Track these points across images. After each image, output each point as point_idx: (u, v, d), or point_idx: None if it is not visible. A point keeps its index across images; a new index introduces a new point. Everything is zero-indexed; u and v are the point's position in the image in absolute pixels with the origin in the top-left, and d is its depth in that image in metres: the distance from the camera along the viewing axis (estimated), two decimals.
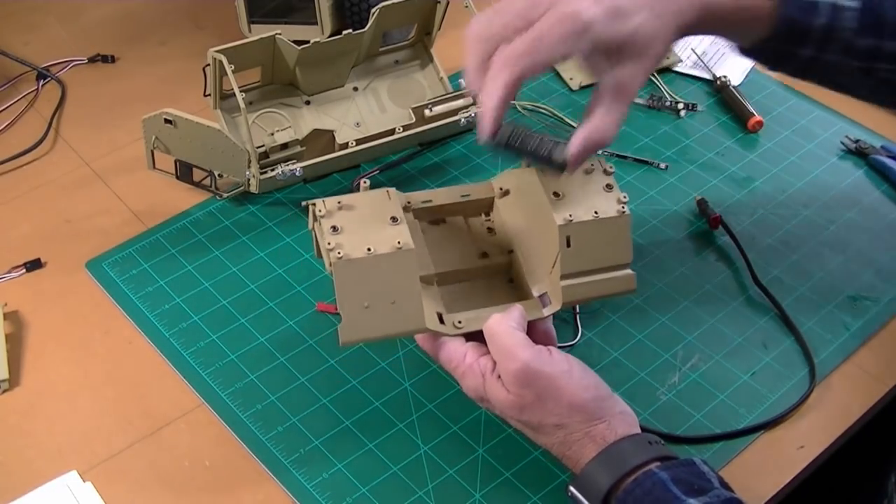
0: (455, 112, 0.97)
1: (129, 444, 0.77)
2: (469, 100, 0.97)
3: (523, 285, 0.77)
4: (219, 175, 0.92)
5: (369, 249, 0.70)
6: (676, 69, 1.10)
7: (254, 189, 0.91)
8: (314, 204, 0.72)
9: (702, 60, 1.10)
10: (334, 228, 0.70)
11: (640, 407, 0.79)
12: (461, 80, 1.03)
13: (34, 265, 0.89)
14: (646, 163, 0.99)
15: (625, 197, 0.74)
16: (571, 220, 0.72)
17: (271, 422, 0.77)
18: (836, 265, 0.90)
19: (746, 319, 0.86)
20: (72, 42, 1.13)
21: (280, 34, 0.90)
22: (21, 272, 0.88)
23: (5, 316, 0.84)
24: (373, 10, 0.93)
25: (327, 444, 0.76)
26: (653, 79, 1.08)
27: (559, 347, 0.82)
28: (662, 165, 0.99)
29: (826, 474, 0.79)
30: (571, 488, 0.67)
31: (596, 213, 0.73)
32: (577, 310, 0.85)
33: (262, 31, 0.91)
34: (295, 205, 0.95)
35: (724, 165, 1.00)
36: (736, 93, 1.05)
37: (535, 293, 0.75)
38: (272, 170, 0.90)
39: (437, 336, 0.72)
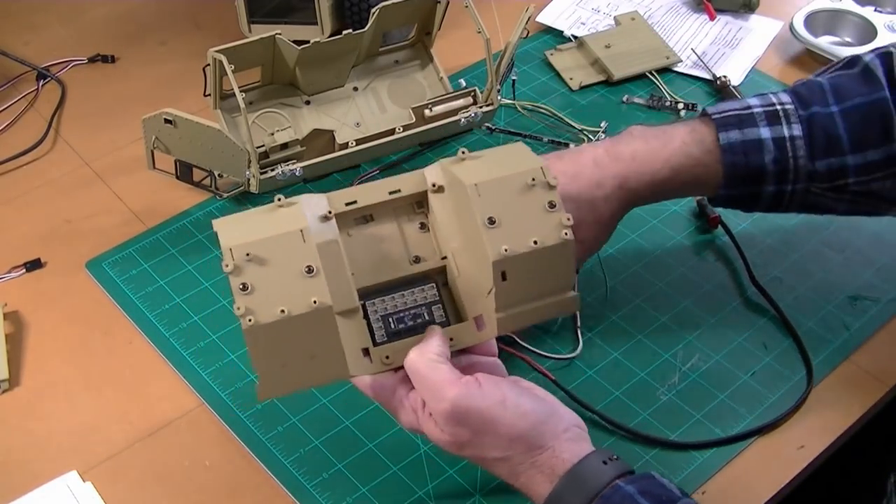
0: (455, 112, 0.97)
1: (129, 444, 0.77)
2: (469, 100, 0.97)
3: (458, 299, 0.71)
4: (219, 175, 0.92)
5: (283, 311, 0.62)
6: (676, 69, 1.10)
7: (254, 189, 0.91)
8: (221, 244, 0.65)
9: (702, 60, 1.10)
10: (244, 287, 0.63)
11: (640, 407, 0.79)
12: (461, 81, 1.03)
13: (34, 265, 0.89)
14: None
15: (568, 219, 0.66)
16: (507, 255, 0.65)
17: (271, 422, 0.77)
18: (836, 265, 0.90)
19: (746, 319, 0.86)
20: (72, 42, 1.13)
21: (280, 34, 0.90)
22: (21, 272, 0.88)
23: (5, 316, 0.84)
24: (373, 10, 0.93)
25: (327, 444, 0.76)
26: (653, 79, 1.08)
27: (559, 355, 0.82)
28: None
29: (826, 474, 0.79)
30: None
31: (535, 241, 0.65)
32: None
33: (262, 31, 0.91)
34: None
35: None
36: (736, 92, 1.05)
37: (470, 314, 0.69)
38: (272, 170, 0.90)
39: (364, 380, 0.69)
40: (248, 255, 0.64)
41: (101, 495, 0.73)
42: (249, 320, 0.62)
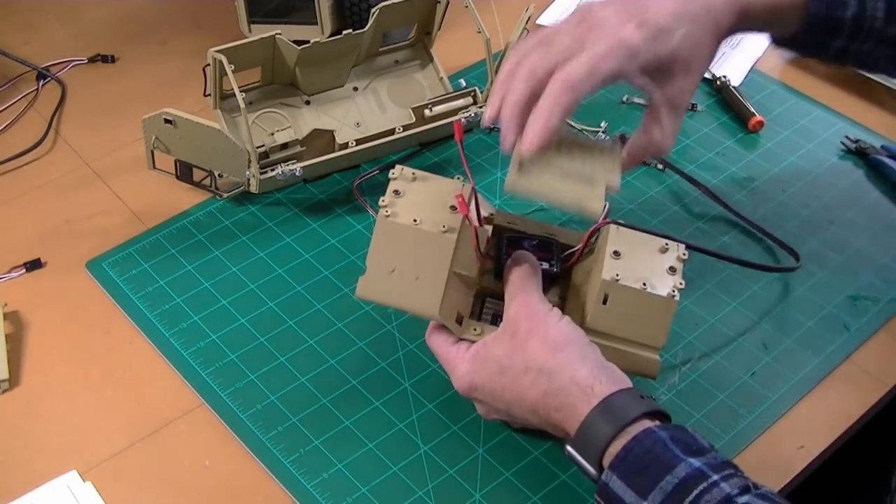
0: (455, 112, 0.97)
1: (129, 444, 0.77)
2: (469, 100, 0.97)
3: None
4: (219, 175, 0.92)
5: (415, 221, 0.71)
6: None
7: (254, 189, 0.91)
8: (393, 168, 0.75)
9: None
10: (396, 192, 0.73)
11: None
12: (461, 81, 1.03)
13: (34, 265, 0.89)
14: (645, 163, 0.99)
15: (682, 284, 0.71)
16: (617, 280, 0.71)
17: (271, 422, 0.77)
18: (836, 265, 0.90)
19: (747, 320, 0.86)
20: (72, 42, 1.13)
21: (280, 34, 0.90)
22: (21, 272, 0.88)
23: (5, 316, 0.84)
24: (373, 10, 0.93)
25: (327, 444, 0.76)
26: None
27: None
28: (660, 166, 0.98)
29: (826, 474, 0.79)
30: (569, 448, 0.67)
31: (644, 284, 0.71)
32: None
33: (262, 31, 0.91)
34: (295, 204, 0.95)
35: (724, 165, 1.00)
36: (736, 93, 1.05)
37: None
38: (272, 170, 0.90)
39: (442, 330, 0.73)
40: (413, 175, 0.74)
41: (101, 495, 0.73)
42: (387, 213, 0.71)
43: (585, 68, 0.69)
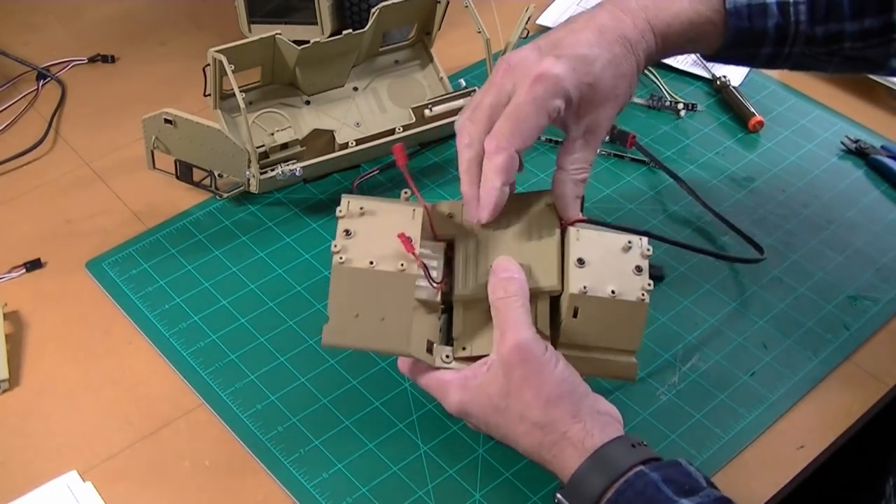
0: (455, 112, 0.96)
1: (129, 444, 0.77)
2: (469, 100, 0.97)
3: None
4: (219, 175, 0.92)
5: (371, 263, 0.69)
6: (676, 69, 1.10)
7: (254, 189, 0.91)
8: (341, 201, 0.73)
9: (701, 60, 1.10)
10: (347, 232, 0.71)
11: (640, 407, 0.79)
12: (461, 81, 1.03)
13: (34, 265, 0.89)
14: (644, 163, 0.99)
15: (650, 285, 0.70)
16: (585, 293, 0.69)
17: (271, 422, 0.77)
18: (836, 265, 0.90)
19: (746, 319, 0.86)
20: (72, 42, 1.13)
21: (280, 34, 0.90)
22: (21, 272, 0.88)
23: (5, 316, 0.84)
24: (373, 10, 0.93)
25: (327, 444, 0.76)
26: (653, 79, 1.08)
27: None
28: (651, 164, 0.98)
29: (826, 474, 0.79)
30: (559, 496, 0.66)
31: (613, 291, 0.69)
32: None
33: (262, 31, 0.91)
34: (295, 205, 0.95)
35: (724, 165, 1.00)
36: (736, 93, 1.05)
37: None
38: (272, 170, 0.90)
39: (417, 361, 0.72)
40: (361, 209, 0.71)
41: (101, 495, 0.73)
42: (341, 259, 0.69)
43: (509, 124, 0.69)
